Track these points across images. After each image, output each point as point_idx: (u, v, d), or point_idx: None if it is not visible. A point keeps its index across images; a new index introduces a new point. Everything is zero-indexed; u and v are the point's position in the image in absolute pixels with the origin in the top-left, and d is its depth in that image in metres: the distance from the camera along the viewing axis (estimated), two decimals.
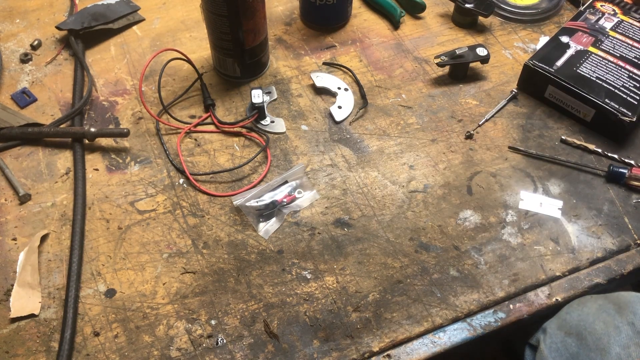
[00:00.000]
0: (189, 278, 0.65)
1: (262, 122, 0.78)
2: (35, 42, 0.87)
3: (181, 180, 0.73)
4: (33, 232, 0.68)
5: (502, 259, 0.66)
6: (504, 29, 0.91)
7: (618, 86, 0.75)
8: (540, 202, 0.71)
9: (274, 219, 0.69)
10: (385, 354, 0.60)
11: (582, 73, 0.77)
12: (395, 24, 0.91)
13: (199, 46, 0.88)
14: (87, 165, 0.74)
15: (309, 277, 0.65)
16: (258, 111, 0.77)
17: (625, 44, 0.81)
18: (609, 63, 0.78)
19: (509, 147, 0.76)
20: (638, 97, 0.74)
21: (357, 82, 0.83)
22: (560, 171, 0.74)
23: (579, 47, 0.80)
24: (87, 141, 0.76)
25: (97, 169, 0.74)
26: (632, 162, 0.73)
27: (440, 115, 0.80)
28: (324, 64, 0.86)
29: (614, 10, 0.86)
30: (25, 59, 0.86)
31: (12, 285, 0.64)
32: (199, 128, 0.78)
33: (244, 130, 0.78)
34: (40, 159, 0.75)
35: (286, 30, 0.91)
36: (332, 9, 0.87)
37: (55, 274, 0.65)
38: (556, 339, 0.58)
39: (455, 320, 0.62)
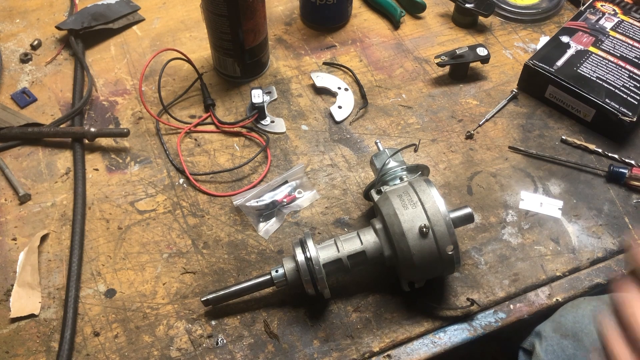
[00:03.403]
0: (189, 278, 0.65)
1: (262, 122, 0.78)
2: (35, 42, 0.87)
3: (181, 180, 0.73)
4: (33, 232, 0.68)
5: (502, 259, 0.66)
6: (504, 29, 0.91)
7: (618, 86, 0.75)
8: (541, 202, 0.71)
9: (274, 219, 0.69)
10: (386, 354, 0.60)
11: (583, 73, 0.77)
12: (395, 24, 0.91)
13: (199, 46, 0.88)
14: (87, 165, 0.74)
15: None
16: (258, 111, 0.77)
17: (625, 44, 0.81)
18: (609, 63, 0.78)
19: (509, 147, 0.76)
20: (638, 97, 0.74)
21: (357, 82, 0.83)
22: (560, 171, 0.74)
23: (579, 47, 0.80)
24: (87, 141, 0.76)
25: (97, 169, 0.74)
26: (633, 162, 0.73)
27: (441, 115, 0.80)
28: (324, 64, 0.86)
29: (614, 10, 0.86)
30: (25, 58, 0.86)
31: (12, 285, 0.64)
32: (199, 128, 0.78)
33: (244, 130, 0.78)
34: (40, 159, 0.75)
35: (286, 30, 0.91)
36: (332, 9, 0.87)
37: (55, 274, 0.65)
38: (552, 341, 0.58)
39: (455, 320, 0.62)
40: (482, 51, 0.81)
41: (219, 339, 0.61)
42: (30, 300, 0.63)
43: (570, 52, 0.80)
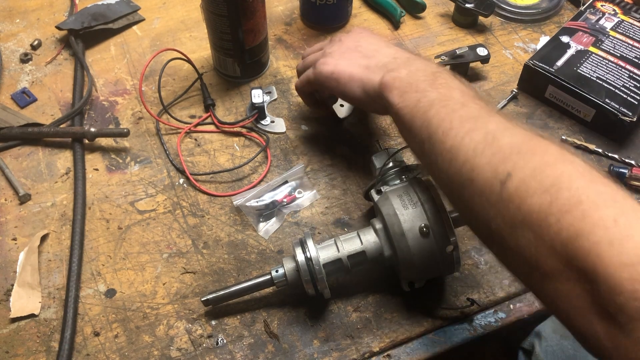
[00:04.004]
0: (189, 278, 0.65)
1: (262, 122, 0.78)
2: (35, 42, 0.87)
3: (181, 180, 0.73)
4: (33, 232, 0.68)
5: None
6: (504, 29, 0.91)
7: (618, 86, 0.75)
8: None
9: (274, 219, 0.69)
10: (386, 354, 0.60)
11: (583, 73, 0.77)
12: (395, 24, 0.91)
13: (199, 46, 0.88)
14: (87, 165, 0.74)
15: None
16: (258, 111, 0.77)
17: (625, 44, 0.81)
18: (610, 63, 0.78)
19: None
20: (638, 97, 0.74)
21: None
22: None
23: (580, 47, 0.80)
24: (87, 141, 0.76)
25: (97, 169, 0.74)
26: (633, 162, 0.73)
27: None
28: None
29: (614, 10, 0.86)
30: (25, 58, 0.86)
31: (12, 285, 0.64)
32: (199, 128, 0.78)
33: (244, 130, 0.78)
34: (40, 159, 0.75)
35: (286, 30, 0.91)
36: (332, 9, 0.87)
37: (55, 274, 0.65)
38: (552, 342, 0.58)
39: (455, 320, 0.62)
40: (482, 51, 0.81)
41: (219, 339, 0.61)
42: (30, 300, 0.63)
43: (570, 52, 0.80)
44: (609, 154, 0.74)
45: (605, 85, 0.76)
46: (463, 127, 0.46)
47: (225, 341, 0.61)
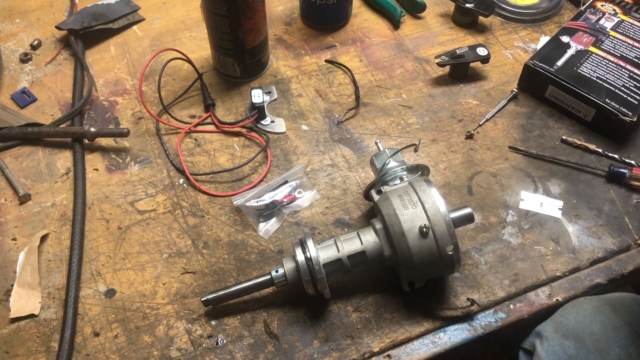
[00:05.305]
0: (189, 278, 0.65)
1: (262, 122, 0.78)
2: (35, 42, 0.87)
3: (181, 180, 0.73)
4: (33, 232, 0.68)
5: (502, 259, 0.66)
6: (505, 29, 0.91)
7: (618, 86, 0.75)
8: (541, 202, 0.71)
9: (274, 219, 0.69)
10: (386, 354, 0.60)
11: (583, 73, 0.77)
12: (395, 24, 0.91)
13: (199, 46, 0.87)
14: (87, 165, 0.74)
15: None
16: (258, 111, 0.77)
17: (625, 44, 0.81)
18: (610, 63, 0.78)
19: (510, 147, 0.76)
20: (638, 97, 0.74)
21: (354, 82, 0.83)
22: (560, 171, 0.74)
23: (580, 47, 0.80)
24: (87, 141, 0.76)
25: (97, 169, 0.74)
26: (633, 162, 0.73)
27: (441, 115, 0.80)
28: (326, 61, 0.86)
29: (614, 10, 0.86)
30: (25, 58, 0.86)
31: (12, 285, 0.64)
32: (199, 128, 0.78)
33: (244, 130, 0.78)
34: (40, 159, 0.75)
35: (286, 30, 0.91)
36: (332, 9, 0.87)
37: (55, 274, 0.65)
38: (553, 342, 0.58)
39: (455, 320, 0.62)
40: (482, 51, 0.81)
41: (219, 339, 0.61)
42: (30, 300, 0.63)
43: (570, 52, 0.80)
44: (609, 154, 0.74)
45: (606, 85, 0.76)
46: None
47: (225, 341, 0.61)
